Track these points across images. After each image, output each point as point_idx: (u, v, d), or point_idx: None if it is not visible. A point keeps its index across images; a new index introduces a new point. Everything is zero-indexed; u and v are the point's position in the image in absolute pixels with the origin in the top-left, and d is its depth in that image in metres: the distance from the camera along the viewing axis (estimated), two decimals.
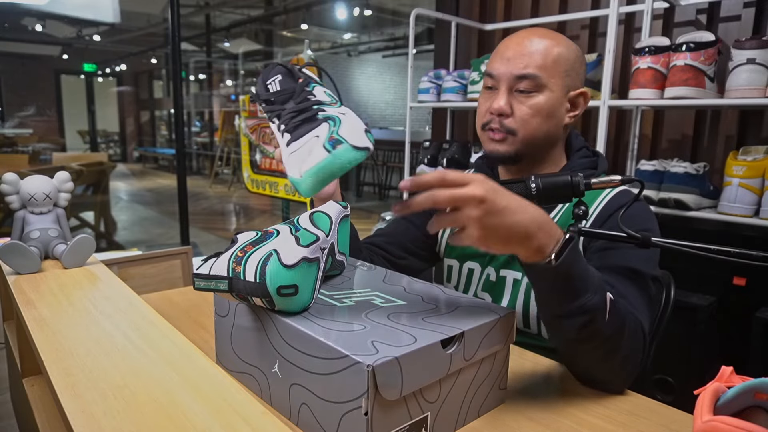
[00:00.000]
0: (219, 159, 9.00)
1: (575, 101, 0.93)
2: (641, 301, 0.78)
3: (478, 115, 0.96)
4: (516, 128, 0.90)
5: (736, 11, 1.88)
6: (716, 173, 1.87)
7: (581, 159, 0.96)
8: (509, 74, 0.89)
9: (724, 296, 1.62)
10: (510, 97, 0.90)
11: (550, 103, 0.89)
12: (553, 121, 0.91)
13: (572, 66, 0.90)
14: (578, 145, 0.97)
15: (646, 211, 0.89)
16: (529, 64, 0.88)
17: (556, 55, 0.88)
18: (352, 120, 0.70)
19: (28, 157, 5.25)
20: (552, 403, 0.71)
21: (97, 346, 0.63)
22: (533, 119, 0.89)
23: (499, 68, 0.91)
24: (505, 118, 0.90)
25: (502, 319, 0.66)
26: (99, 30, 10.07)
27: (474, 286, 1.00)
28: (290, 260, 0.62)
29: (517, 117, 0.90)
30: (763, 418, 0.40)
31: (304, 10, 8.47)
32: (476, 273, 1.00)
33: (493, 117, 0.91)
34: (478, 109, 0.96)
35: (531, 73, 0.88)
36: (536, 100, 0.89)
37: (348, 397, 0.54)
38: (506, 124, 0.90)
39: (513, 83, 0.89)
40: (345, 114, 0.71)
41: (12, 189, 1.00)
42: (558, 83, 0.89)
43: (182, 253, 1.73)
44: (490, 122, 0.92)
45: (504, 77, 0.90)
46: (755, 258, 0.65)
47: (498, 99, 0.90)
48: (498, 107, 0.90)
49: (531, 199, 0.75)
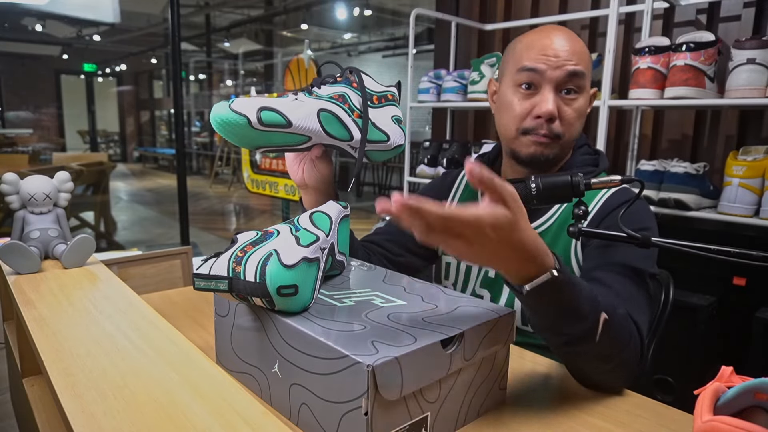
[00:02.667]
0: (219, 159, 9.00)
1: (591, 99, 0.93)
2: (640, 300, 0.78)
3: (513, 118, 0.88)
4: (563, 132, 0.86)
5: (736, 11, 1.88)
6: (716, 173, 1.87)
7: (582, 156, 0.94)
8: (560, 72, 0.83)
9: (724, 296, 1.61)
10: (557, 99, 0.84)
11: (585, 105, 0.87)
12: (583, 121, 0.89)
13: (592, 64, 0.90)
14: (579, 143, 0.96)
15: (645, 210, 0.88)
16: (577, 61, 0.83)
17: (587, 53, 0.86)
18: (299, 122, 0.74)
19: (28, 157, 5.25)
20: (552, 403, 0.71)
21: (97, 346, 0.63)
22: (576, 122, 0.86)
23: (545, 63, 0.83)
24: (552, 122, 0.85)
25: (502, 319, 0.66)
26: (99, 30, 10.07)
27: (472, 283, 0.99)
28: (290, 260, 0.62)
29: (565, 120, 0.85)
30: (763, 418, 0.40)
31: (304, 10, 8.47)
32: (474, 269, 0.99)
33: (540, 122, 0.85)
34: (511, 110, 0.88)
35: (581, 71, 0.83)
36: (579, 102, 0.86)
37: (348, 397, 0.54)
38: (554, 129, 0.85)
39: (563, 82, 0.84)
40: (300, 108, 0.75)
41: (12, 189, 1.00)
42: (588, 83, 0.88)
43: (182, 253, 1.73)
44: (536, 128, 0.85)
45: (552, 75, 0.83)
46: (755, 258, 0.65)
47: (546, 101, 0.83)
48: (548, 111, 0.83)
49: (531, 200, 0.75)
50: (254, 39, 10.24)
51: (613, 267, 0.80)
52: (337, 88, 0.80)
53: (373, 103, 0.82)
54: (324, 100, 0.78)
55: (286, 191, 2.74)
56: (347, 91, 0.80)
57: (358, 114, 0.80)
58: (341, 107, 0.78)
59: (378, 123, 0.82)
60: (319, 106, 0.76)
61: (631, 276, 0.79)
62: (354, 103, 0.80)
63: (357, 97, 0.80)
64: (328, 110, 0.77)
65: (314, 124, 0.75)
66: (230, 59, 11.43)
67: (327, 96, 0.78)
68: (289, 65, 2.72)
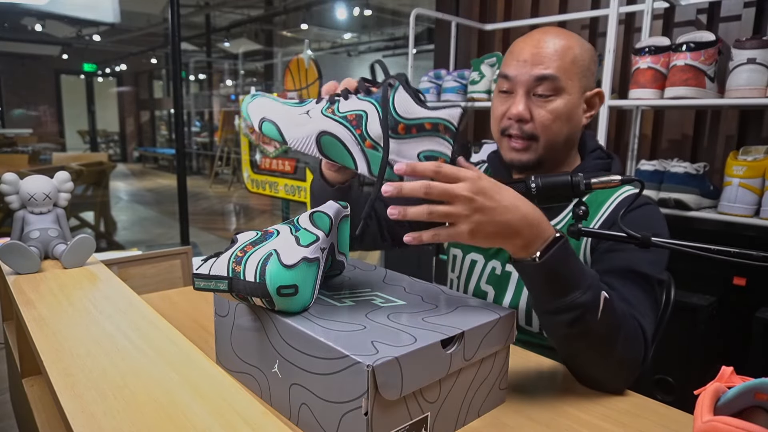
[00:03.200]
0: (219, 159, 9.00)
1: (591, 101, 0.92)
2: (645, 304, 0.78)
3: (493, 119, 0.93)
4: (537, 133, 0.88)
5: (737, 11, 1.88)
6: (716, 173, 1.87)
7: (595, 160, 0.94)
8: (527, 76, 0.86)
9: (724, 296, 1.61)
10: (528, 102, 0.87)
11: (568, 107, 0.88)
12: (572, 123, 0.89)
13: (588, 66, 0.89)
14: (592, 146, 0.96)
15: (657, 215, 0.88)
16: (548, 65, 0.85)
17: (573, 55, 0.87)
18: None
19: (28, 157, 5.25)
20: (552, 403, 0.71)
21: (97, 346, 0.63)
22: (554, 124, 0.87)
23: (515, 70, 0.88)
24: (524, 124, 0.88)
25: (502, 319, 0.66)
26: (99, 30, 10.06)
27: (476, 278, 0.99)
28: (290, 260, 0.62)
29: (538, 122, 0.87)
30: (763, 418, 0.40)
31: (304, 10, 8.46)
32: (478, 265, 0.99)
33: (512, 123, 0.89)
34: (492, 113, 0.93)
35: (550, 74, 0.85)
36: (555, 104, 0.87)
37: (348, 397, 0.54)
38: (527, 130, 0.88)
39: (531, 86, 0.87)
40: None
41: (12, 189, 1.00)
42: (575, 85, 0.88)
43: (182, 253, 1.73)
44: (509, 128, 0.89)
45: (521, 80, 0.87)
46: (755, 258, 0.65)
47: (516, 104, 0.87)
48: (517, 112, 0.87)
49: (531, 199, 0.75)
50: (254, 39, 10.24)
51: (620, 271, 0.80)
52: (361, 105, 0.66)
53: (398, 133, 0.63)
54: (333, 119, 0.66)
55: (286, 191, 2.73)
56: (370, 111, 0.65)
57: (370, 144, 0.65)
58: (351, 131, 0.65)
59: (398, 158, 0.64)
60: (322, 127, 0.66)
61: (638, 281, 0.79)
62: (369, 131, 0.64)
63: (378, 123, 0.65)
64: (333, 134, 0.66)
65: (311, 148, 0.67)
66: (230, 59, 11.43)
67: (342, 115, 0.66)
68: (289, 65, 2.72)
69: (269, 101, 0.72)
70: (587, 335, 0.69)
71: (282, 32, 9.64)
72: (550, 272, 0.66)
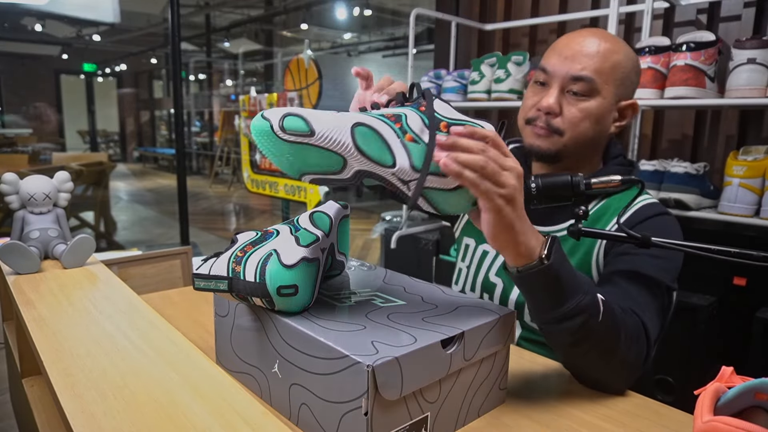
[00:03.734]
0: (219, 159, 9.00)
1: (624, 111, 0.92)
2: (653, 307, 0.77)
3: (522, 108, 0.93)
4: (563, 129, 0.88)
5: (737, 11, 1.88)
6: (716, 173, 1.87)
7: (615, 167, 0.94)
8: (564, 73, 0.87)
9: (724, 296, 1.61)
10: (561, 97, 0.88)
11: (600, 109, 0.87)
12: (600, 127, 0.89)
13: (627, 75, 0.89)
14: (615, 153, 0.96)
15: (673, 227, 0.87)
16: (586, 66, 0.86)
17: (614, 61, 0.86)
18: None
19: (28, 157, 5.25)
20: (552, 403, 0.71)
21: (97, 346, 0.63)
22: (582, 122, 0.87)
23: (555, 65, 0.88)
24: (552, 117, 0.88)
25: (502, 319, 0.66)
26: (99, 30, 10.07)
27: (485, 270, 0.98)
28: (290, 260, 0.62)
29: (566, 118, 0.87)
30: (764, 418, 0.40)
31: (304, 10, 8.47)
32: (489, 256, 0.98)
33: (540, 114, 0.89)
34: (523, 103, 0.94)
35: (587, 76, 0.85)
36: (587, 104, 0.87)
37: (348, 397, 0.54)
38: (553, 123, 0.88)
39: (566, 83, 0.87)
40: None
41: (12, 189, 1.00)
42: (611, 90, 0.87)
43: (182, 253, 1.73)
44: (536, 119, 0.90)
45: (558, 75, 0.87)
46: (755, 258, 0.65)
47: (548, 96, 0.88)
48: (547, 105, 0.87)
49: (531, 199, 0.75)
50: (254, 39, 10.24)
51: (630, 273, 0.80)
52: (397, 110, 0.63)
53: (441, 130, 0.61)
54: (370, 115, 0.62)
55: (286, 191, 2.73)
56: (408, 113, 0.62)
57: (411, 137, 0.61)
58: (389, 125, 0.61)
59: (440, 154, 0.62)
60: (357, 119, 0.60)
61: (648, 284, 0.79)
62: (409, 125, 0.61)
63: (419, 119, 0.62)
64: (369, 125, 0.60)
65: (345, 137, 0.59)
66: (230, 59, 11.43)
67: (379, 113, 0.63)
68: (289, 65, 2.72)
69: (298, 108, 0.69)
70: (590, 339, 0.68)
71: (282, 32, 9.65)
72: (555, 275, 0.64)
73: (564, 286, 0.65)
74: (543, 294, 0.67)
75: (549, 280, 0.65)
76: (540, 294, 0.67)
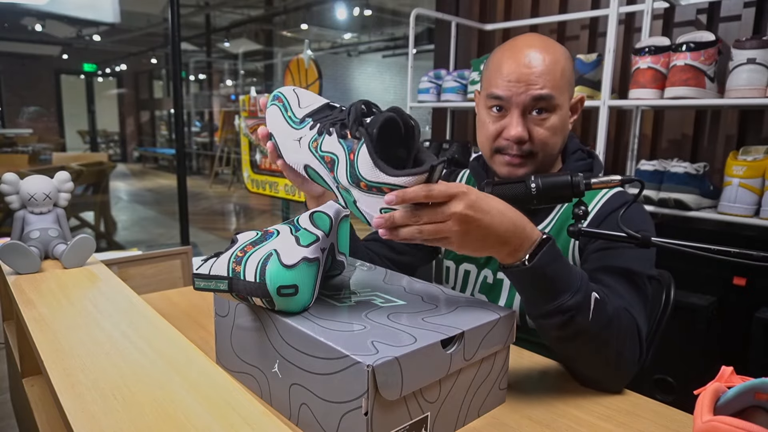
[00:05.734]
0: (219, 159, 9.00)
1: (575, 107, 0.93)
2: (637, 300, 0.79)
3: (484, 137, 0.91)
4: (536, 150, 0.88)
5: (737, 11, 1.88)
6: (716, 173, 1.87)
7: (577, 162, 0.95)
8: (524, 97, 0.85)
9: (724, 296, 1.61)
10: (524, 121, 0.86)
11: (563, 120, 0.88)
12: (565, 134, 0.91)
13: (571, 74, 0.90)
14: (573, 148, 0.97)
15: (641, 213, 0.89)
16: (544, 84, 0.84)
17: (561, 69, 0.86)
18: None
19: (28, 157, 5.24)
20: (552, 403, 0.71)
21: (97, 346, 0.63)
22: (551, 139, 0.87)
23: (508, 91, 0.85)
24: (522, 144, 0.87)
25: (502, 319, 0.66)
26: (99, 30, 10.06)
27: (470, 288, 1.00)
28: (290, 260, 0.62)
29: (537, 140, 0.87)
30: (763, 418, 0.40)
31: (304, 10, 8.46)
32: (472, 275, 1.00)
33: (509, 143, 0.88)
34: (482, 129, 0.92)
35: (547, 94, 0.85)
36: (552, 120, 0.87)
37: (348, 397, 0.54)
38: (525, 149, 0.88)
39: (528, 106, 0.86)
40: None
41: (12, 189, 1.00)
42: (566, 98, 0.88)
43: (182, 253, 1.73)
44: (506, 148, 0.89)
45: (517, 100, 0.85)
46: (755, 258, 0.65)
47: (514, 125, 0.86)
48: (517, 135, 0.86)
49: (531, 199, 0.75)
50: (254, 39, 10.24)
51: (611, 269, 0.81)
52: (335, 148, 0.63)
53: (361, 189, 0.61)
54: (315, 156, 0.66)
55: (286, 191, 2.73)
56: (340, 157, 0.62)
57: (342, 186, 0.64)
58: (327, 171, 0.66)
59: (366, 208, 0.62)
60: (306, 161, 0.68)
61: (629, 278, 0.80)
62: (338, 176, 0.63)
63: (344, 174, 0.62)
64: (314, 169, 0.68)
65: (302, 172, 0.70)
66: (230, 59, 11.43)
67: (321, 154, 0.65)
68: (289, 65, 2.72)
69: (279, 115, 0.72)
70: (579, 336, 0.69)
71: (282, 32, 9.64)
72: (539, 275, 0.66)
73: (549, 286, 0.67)
74: (529, 290, 0.69)
75: (534, 279, 0.67)
76: (527, 290, 0.70)
